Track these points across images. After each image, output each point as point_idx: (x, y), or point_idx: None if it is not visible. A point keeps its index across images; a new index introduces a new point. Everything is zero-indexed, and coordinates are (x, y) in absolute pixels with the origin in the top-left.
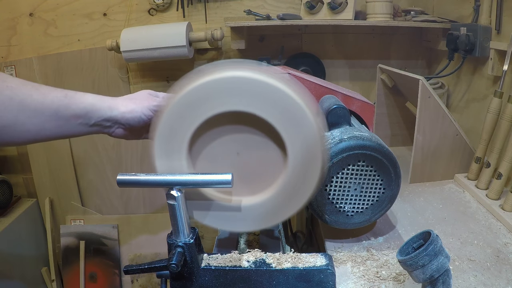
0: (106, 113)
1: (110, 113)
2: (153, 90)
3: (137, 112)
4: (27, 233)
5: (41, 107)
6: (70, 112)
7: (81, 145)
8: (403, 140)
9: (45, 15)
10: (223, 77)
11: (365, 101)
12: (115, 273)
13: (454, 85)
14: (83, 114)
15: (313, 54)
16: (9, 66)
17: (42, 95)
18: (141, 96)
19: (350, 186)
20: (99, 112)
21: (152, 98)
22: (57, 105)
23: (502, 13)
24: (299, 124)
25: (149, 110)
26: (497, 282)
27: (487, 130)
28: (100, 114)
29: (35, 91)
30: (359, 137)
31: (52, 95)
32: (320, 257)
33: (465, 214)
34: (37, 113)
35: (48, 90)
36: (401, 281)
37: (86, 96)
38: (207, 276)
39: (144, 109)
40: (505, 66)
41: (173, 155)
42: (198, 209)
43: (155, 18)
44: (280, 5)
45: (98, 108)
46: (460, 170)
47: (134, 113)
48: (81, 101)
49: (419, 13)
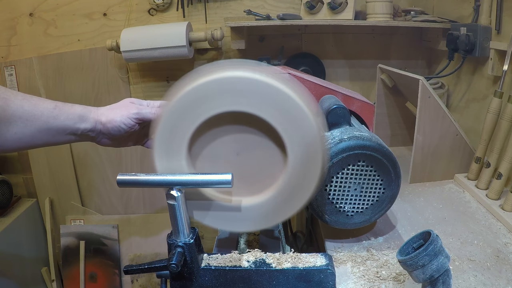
0: (91, 124)
1: (94, 124)
2: (153, 90)
3: (116, 121)
4: (27, 233)
5: (32, 118)
6: (59, 122)
7: (81, 145)
8: (403, 140)
9: (45, 15)
10: (223, 77)
11: (365, 101)
12: (115, 273)
13: (454, 85)
14: (71, 124)
15: (313, 54)
16: (9, 66)
17: (32, 106)
18: (122, 105)
19: (350, 186)
20: (85, 123)
21: (132, 106)
22: (46, 117)
23: (502, 13)
24: (299, 124)
25: (128, 118)
26: (497, 282)
27: (487, 130)
28: (86, 125)
29: (26, 102)
30: (359, 137)
31: (42, 107)
32: (320, 257)
33: (465, 214)
34: (28, 123)
35: (38, 101)
36: (401, 281)
37: (74, 107)
38: (207, 276)
39: (124, 118)
40: (505, 66)
41: (173, 155)
42: (198, 209)
43: (155, 18)
44: (280, 5)
45: (85, 119)
46: (460, 170)
47: (114, 123)
48: (69, 112)
49: (419, 13)
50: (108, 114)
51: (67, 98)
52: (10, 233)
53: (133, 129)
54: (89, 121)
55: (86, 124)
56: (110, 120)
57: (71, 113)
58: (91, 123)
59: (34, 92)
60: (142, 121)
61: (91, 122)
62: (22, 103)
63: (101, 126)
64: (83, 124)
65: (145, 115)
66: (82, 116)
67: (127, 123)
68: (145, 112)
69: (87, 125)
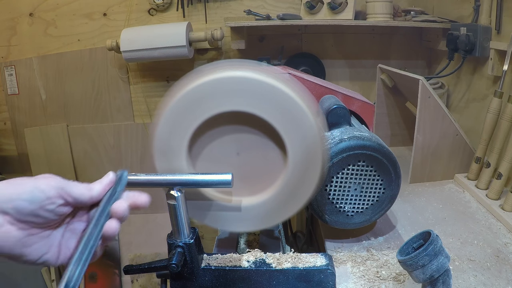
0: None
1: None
2: (153, 90)
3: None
4: None
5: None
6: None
7: (81, 145)
8: (403, 140)
9: (45, 15)
10: (223, 77)
11: (365, 101)
12: (115, 273)
13: (454, 85)
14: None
15: (313, 54)
16: (9, 66)
17: None
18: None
19: (350, 186)
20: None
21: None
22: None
23: (502, 13)
24: (299, 124)
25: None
26: (497, 282)
27: (487, 130)
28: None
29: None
30: (359, 137)
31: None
32: (320, 257)
33: (465, 214)
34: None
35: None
36: (401, 281)
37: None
38: (207, 276)
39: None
40: (505, 66)
41: (173, 155)
42: (198, 209)
43: (155, 18)
44: (280, 5)
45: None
46: (460, 170)
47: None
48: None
49: (419, 13)
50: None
51: (67, 98)
52: None
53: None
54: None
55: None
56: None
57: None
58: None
59: (34, 92)
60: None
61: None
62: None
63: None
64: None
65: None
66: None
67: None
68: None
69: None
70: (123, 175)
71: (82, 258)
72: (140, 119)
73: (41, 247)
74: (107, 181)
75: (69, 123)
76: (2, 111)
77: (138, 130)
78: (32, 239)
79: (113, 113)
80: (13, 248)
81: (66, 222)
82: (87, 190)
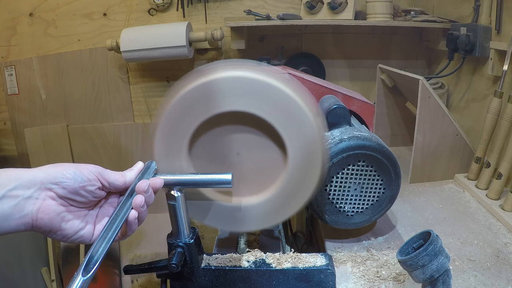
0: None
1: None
2: (153, 90)
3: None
4: (27, 233)
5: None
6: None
7: (81, 145)
8: (403, 140)
9: (45, 15)
10: (223, 77)
11: (365, 101)
12: (115, 273)
13: (454, 85)
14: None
15: (313, 54)
16: (9, 66)
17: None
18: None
19: (350, 186)
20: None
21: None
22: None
23: (502, 13)
24: (299, 124)
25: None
26: (497, 282)
27: (487, 130)
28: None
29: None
30: (359, 137)
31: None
32: (320, 257)
33: (465, 214)
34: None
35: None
36: (401, 281)
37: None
38: (207, 276)
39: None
40: (505, 66)
41: (173, 155)
42: (198, 209)
43: (155, 18)
44: (280, 5)
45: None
46: (460, 170)
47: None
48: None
49: (419, 13)
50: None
51: (67, 98)
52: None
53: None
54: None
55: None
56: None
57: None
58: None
59: (34, 92)
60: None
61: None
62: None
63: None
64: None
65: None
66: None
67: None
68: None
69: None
70: (152, 164)
71: (107, 236)
72: (140, 119)
73: (78, 224)
74: (137, 169)
75: (69, 123)
76: (2, 111)
77: (138, 130)
78: (70, 215)
79: (113, 113)
80: (53, 221)
81: (100, 206)
82: (121, 176)
